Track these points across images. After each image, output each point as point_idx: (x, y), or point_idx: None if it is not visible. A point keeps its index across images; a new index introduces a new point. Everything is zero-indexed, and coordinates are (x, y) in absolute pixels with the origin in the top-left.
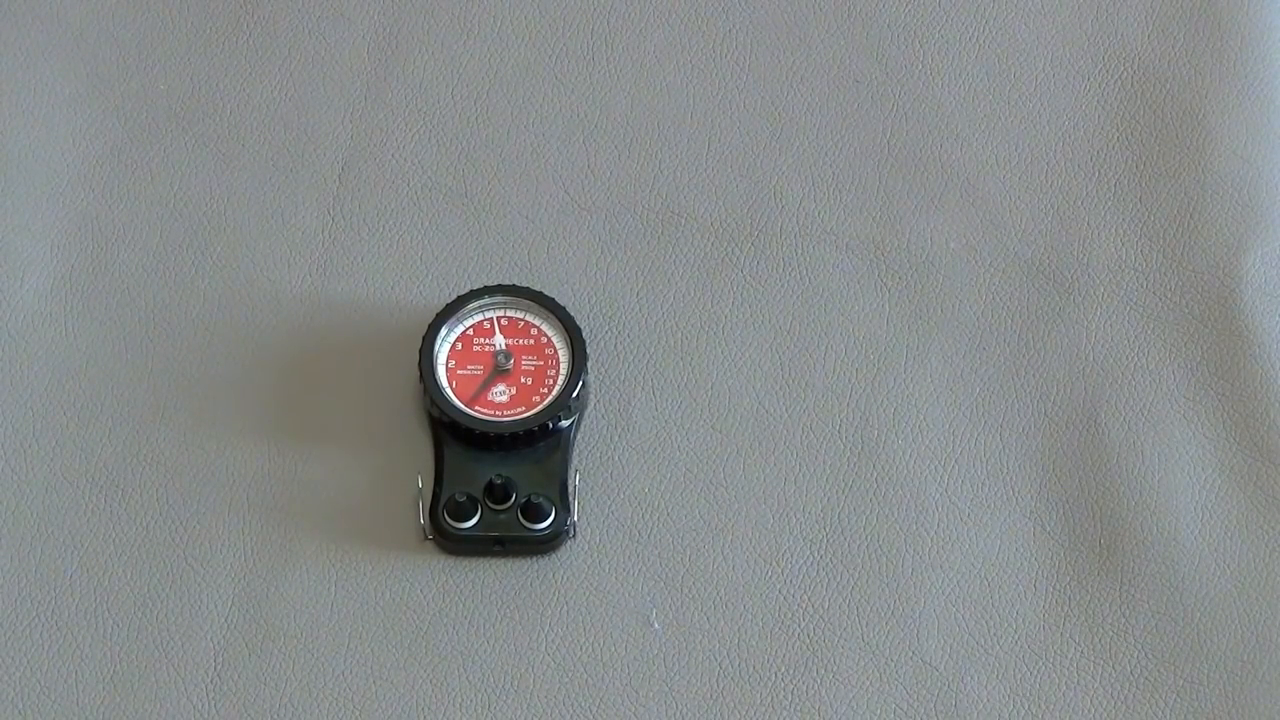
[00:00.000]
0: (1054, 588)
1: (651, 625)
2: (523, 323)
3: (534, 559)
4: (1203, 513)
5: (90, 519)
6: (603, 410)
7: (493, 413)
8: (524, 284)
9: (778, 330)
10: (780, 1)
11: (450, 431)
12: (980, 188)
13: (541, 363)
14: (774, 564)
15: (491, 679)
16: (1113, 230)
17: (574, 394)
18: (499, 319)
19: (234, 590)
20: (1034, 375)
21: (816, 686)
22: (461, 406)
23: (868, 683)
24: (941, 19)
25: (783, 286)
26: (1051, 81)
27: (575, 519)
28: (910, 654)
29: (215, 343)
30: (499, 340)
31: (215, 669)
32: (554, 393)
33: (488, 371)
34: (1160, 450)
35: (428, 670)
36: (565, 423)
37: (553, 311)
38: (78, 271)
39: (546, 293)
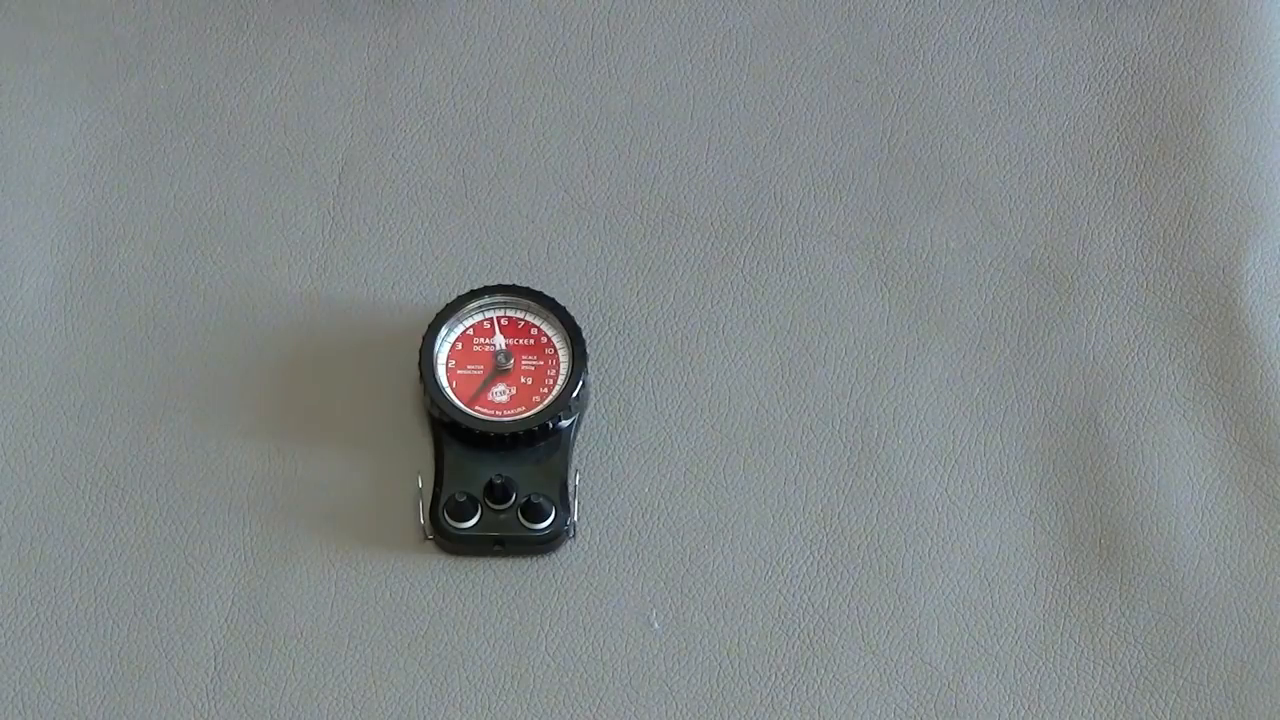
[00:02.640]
0: (1054, 588)
1: (651, 625)
2: (523, 323)
3: (534, 559)
4: (1203, 513)
5: (90, 519)
6: (603, 410)
7: (493, 413)
8: (524, 284)
9: (778, 330)
10: (780, 1)
11: (450, 431)
12: (980, 188)
13: (541, 363)
14: (774, 564)
15: (491, 679)
16: (1113, 230)
17: (574, 394)
18: (499, 319)
19: (234, 590)
20: (1034, 375)
21: (816, 686)
22: (461, 406)
23: (868, 683)
24: (941, 19)
25: (783, 286)
26: (1051, 81)
27: (575, 519)
28: (910, 654)
29: (215, 343)
30: (499, 340)
31: (215, 669)
32: (554, 393)
33: (488, 371)
34: (1160, 450)
35: (428, 670)
36: (565, 423)
37: (553, 311)
38: (78, 271)
39: (546, 293)
